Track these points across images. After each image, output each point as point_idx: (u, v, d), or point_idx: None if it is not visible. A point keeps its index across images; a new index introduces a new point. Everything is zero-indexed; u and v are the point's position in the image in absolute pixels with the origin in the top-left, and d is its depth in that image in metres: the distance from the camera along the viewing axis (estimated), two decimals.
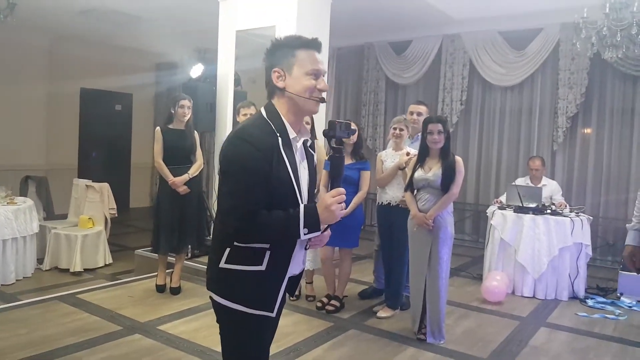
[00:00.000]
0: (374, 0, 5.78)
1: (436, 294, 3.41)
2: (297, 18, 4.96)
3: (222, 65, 5.50)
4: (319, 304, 4.03)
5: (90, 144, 8.50)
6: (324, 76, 1.61)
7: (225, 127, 5.35)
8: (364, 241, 4.45)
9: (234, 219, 1.47)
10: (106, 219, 5.46)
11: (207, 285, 1.64)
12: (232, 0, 5.39)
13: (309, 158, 1.66)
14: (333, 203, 1.48)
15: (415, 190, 3.52)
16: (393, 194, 3.89)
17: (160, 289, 4.22)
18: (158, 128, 4.21)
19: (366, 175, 3.94)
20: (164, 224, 4.15)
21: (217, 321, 1.64)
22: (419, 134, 4.06)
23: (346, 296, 4.15)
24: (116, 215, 5.57)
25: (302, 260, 1.70)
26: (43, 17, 6.60)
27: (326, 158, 4.02)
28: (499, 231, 4.68)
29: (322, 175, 4.00)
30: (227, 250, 1.54)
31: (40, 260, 5.13)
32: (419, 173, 3.47)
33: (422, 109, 4.27)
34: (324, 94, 1.60)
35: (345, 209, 1.55)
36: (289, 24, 4.99)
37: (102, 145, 8.64)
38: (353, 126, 1.35)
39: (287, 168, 1.50)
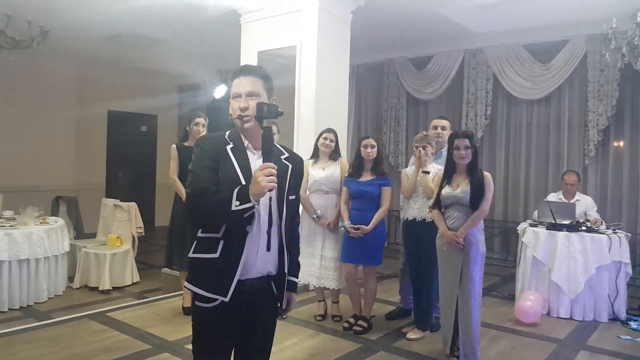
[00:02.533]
0: (393, 17, 5.81)
1: (469, 315, 3.31)
2: (317, 37, 5.03)
3: None
4: (346, 325, 3.97)
5: (117, 164, 8.73)
6: (249, 97, 1.80)
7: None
8: (387, 259, 4.39)
9: (188, 204, 1.76)
10: (133, 237, 5.54)
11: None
12: (254, 22, 5.50)
13: (283, 166, 1.85)
14: (260, 175, 1.62)
15: (443, 208, 3.47)
16: (418, 209, 3.83)
17: (187, 311, 4.20)
18: (174, 145, 4.28)
19: (387, 191, 3.90)
20: (177, 240, 4.18)
21: (191, 313, 1.84)
22: (443, 150, 4.03)
23: (373, 316, 4.08)
24: (143, 233, 5.64)
25: (271, 263, 1.83)
26: (72, 43, 6.83)
27: (346, 175, 4.01)
28: (531, 249, 4.55)
29: (344, 192, 3.99)
30: (195, 242, 1.81)
31: (70, 279, 5.21)
32: (446, 190, 3.41)
33: (446, 123, 4.22)
34: (244, 112, 1.80)
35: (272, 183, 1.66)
36: (309, 43, 5.06)
37: (129, 165, 8.85)
38: (280, 109, 1.61)
39: (233, 165, 1.76)
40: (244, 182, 1.72)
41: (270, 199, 1.78)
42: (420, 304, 3.88)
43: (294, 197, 1.91)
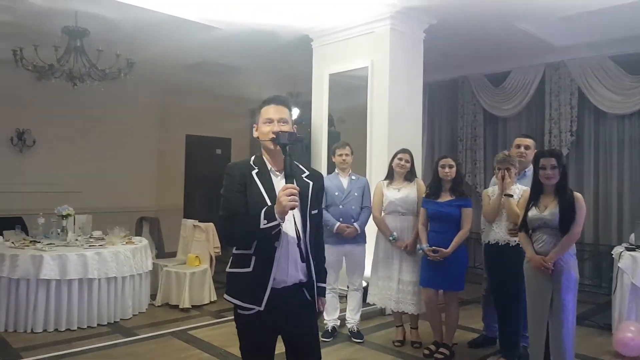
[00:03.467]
0: (468, 34, 5.68)
1: (561, 346, 3.07)
2: (389, 58, 5.03)
3: (316, 107, 5.67)
4: (427, 352, 3.82)
5: (194, 186, 9.12)
6: (280, 123, 2.04)
7: (320, 167, 5.44)
8: (467, 284, 4.18)
9: (221, 225, 1.99)
10: (211, 257, 5.70)
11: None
12: (325, 45, 5.59)
13: (304, 185, 2.04)
14: (282, 195, 1.84)
15: (530, 231, 3.27)
16: (501, 231, 3.64)
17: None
18: None
19: (468, 213, 3.75)
20: None
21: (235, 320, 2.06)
22: (527, 170, 3.83)
23: (455, 344, 3.91)
24: (220, 253, 5.79)
25: (299, 271, 2.02)
26: (155, 72, 7.27)
27: (424, 196, 3.91)
28: (628, 275, 4.16)
29: (421, 214, 3.88)
30: (231, 259, 2.04)
31: (152, 296, 5.43)
32: (533, 212, 3.21)
33: (530, 142, 4.01)
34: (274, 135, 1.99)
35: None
36: (381, 64, 5.05)
37: (205, 187, 9.17)
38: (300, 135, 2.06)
39: (259, 188, 1.97)
40: (269, 203, 1.93)
41: (293, 215, 1.97)
42: (506, 333, 3.67)
43: (316, 211, 2.10)
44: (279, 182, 2.01)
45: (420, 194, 3.97)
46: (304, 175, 2.10)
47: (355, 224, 4.06)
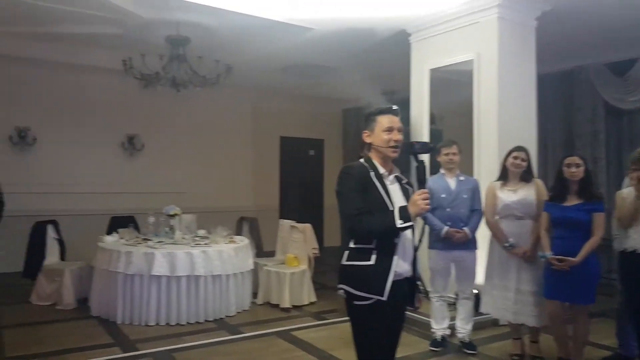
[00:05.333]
0: (586, 20, 5.15)
1: None
2: (498, 49, 4.68)
3: (416, 104, 5.45)
4: None
5: (288, 186, 9.27)
6: (398, 131, 2.23)
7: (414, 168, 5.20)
8: (597, 295, 3.76)
9: (346, 221, 2.13)
10: (309, 258, 5.69)
11: (338, 282, 2.22)
12: (425, 39, 5.35)
13: (404, 190, 2.26)
14: (418, 199, 2.06)
15: None
16: None
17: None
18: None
19: (600, 218, 3.33)
20: None
21: (347, 314, 2.21)
22: None
23: None
24: (318, 254, 5.77)
25: (409, 264, 2.23)
26: (250, 76, 7.43)
27: (546, 199, 3.57)
28: None
29: (543, 218, 3.53)
30: (346, 252, 2.19)
31: (253, 295, 5.52)
32: None
33: None
34: (398, 144, 2.22)
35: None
36: (488, 56, 4.72)
37: (299, 188, 9.33)
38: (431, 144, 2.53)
39: (378, 189, 2.14)
40: (389, 205, 2.12)
41: None
42: None
43: None
44: (389, 185, 2.21)
45: (540, 196, 3.63)
46: (403, 182, 2.28)
47: (465, 228, 3.80)
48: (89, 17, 5.25)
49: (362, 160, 2.25)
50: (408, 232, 2.18)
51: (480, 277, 3.93)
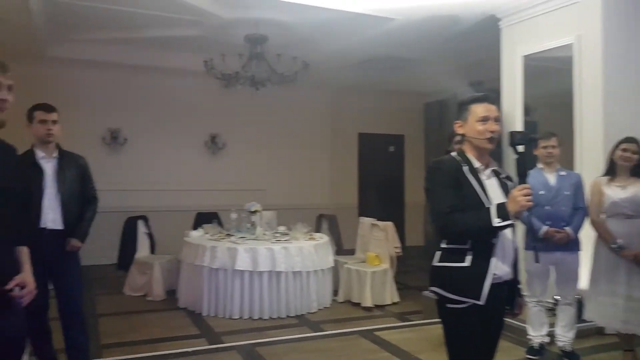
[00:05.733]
0: None
1: None
2: (602, 30, 4.23)
3: (508, 94, 5.09)
4: None
5: (367, 184, 9.11)
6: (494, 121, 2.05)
7: (512, 161, 4.86)
8: None
9: (436, 220, 1.99)
10: (391, 257, 5.52)
11: (429, 284, 2.11)
12: (517, 24, 4.97)
13: (503, 185, 2.09)
14: (518, 195, 1.88)
15: None
16: None
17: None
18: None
19: None
20: None
21: (439, 316, 2.07)
22: None
23: None
24: (401, 253, 5.59)
25: (509, 266, 2.05)
26: (327, 73, 7.35)
27: None
28: None
29: None
30: (438, 253, 2.06)
31: (334, 292, 5.45)
32: None
33: None
34: (495, 135, 2.05)
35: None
36: (591, 39, 4.28)
37: (378, 185, 9.15)
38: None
39: (472, 185, 1.99)
40: (485, 202, 1.96)
41: None
42: None
43: None
44: (485, 180, 2.05)
45: None
46: (502, 176, 2.12)
47: (567, 228, 3.46)
48: (171, 20, 5.47)
49: (454, 153, 2.12)
50: (508, 232, 2.01)
51: (583, 281, 3.57)
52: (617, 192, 3.33)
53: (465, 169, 2.02)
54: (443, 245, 2.04)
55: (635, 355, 3.40)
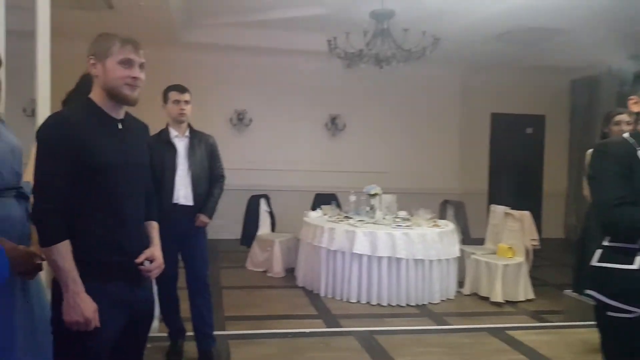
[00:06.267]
0: None
1: None
2: None
3: None
4: None
5: (500, 169, 8.34)
6: None
7: None
8: None
9: (601, 213, 1.68)
10: (527, 249, 4.92)
11: (582, 285, 1.74)
12: None
13: None
14: None
15: None
16: None
17: None
18: (590, 151, 3.36)
19: None
20: (589, 262, 3.24)
21: (597, 324, 1.75)
22: None
23: None
24: (539, 246, 4.95)
25: None
26: (458, 48, 6.74)
27: None
28: None
29: None
30: (599, 251, 1.72)
31: (459, 284, 5.03)
32: None
33: None
34: None
35: None
36: None
37: (512, 171, 8.33)
38: None
39: None
40: None
41: None
42: None
43: None
44: None
45: None
46: None
47: None
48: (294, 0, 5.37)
49: (626, 135, 1.76)
50: None
51: None
52: None
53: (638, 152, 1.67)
54: (605, 243, 1.72)
55: None
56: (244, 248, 5.94)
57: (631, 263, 1.63)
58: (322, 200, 6.09)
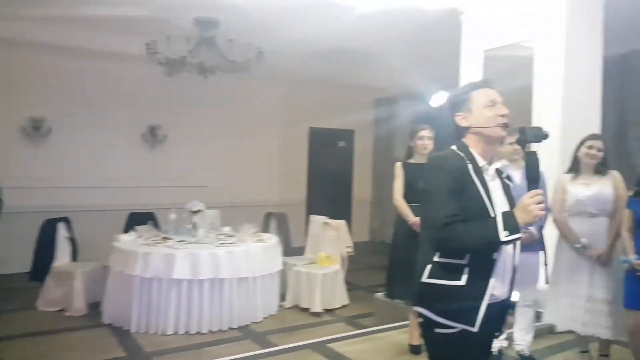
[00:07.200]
0: None
1: None
2: (566, 28, 4.09)
3: None
4: None
5: (317, 180, 8.80)
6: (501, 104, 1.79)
7: None
8: None
9: (433, 230, 1.68)
10: (342, 257, 5.24)
11: (413, 302, 1.84)
12: (479, 18, 4.77)
13: (505, 186, 1.84)
14: (530, 203, 1.61)
15: None
16: None
17: (415, 349, 3.62)
18: (398, 163, 3.76)
19: None
20: (398, 268, 3.63)
21: (422, 336, 1.83)
22: None
23: None
24: (353, 253, 5.32)
25: (508, 285, 1.79)
26: (280, 64, 6.89)
27: (630, 194, 3.05)
28: None
29: (626, 217, 3.02)
30: (428, 266, 1.74)
31: (281, 297, 5.08)
32: None
33: None
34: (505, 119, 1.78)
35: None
36: (552, 36, 4.15)
37: (327, 181, 8.86)
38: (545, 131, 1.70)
39: (477, 188, 1.70)
40: (490, 209, 1.70)
41: None
42: None
43: None
44: (489, 182, 1.77)
45: (619, 191, 3.13)
46: (504, 175, 1.87)
47: (531, 227, 3.28)
48: None
49: (454, 147, 1.82)
50: (509, 245, 1.73)
51: (542, 282, 3.43)
52: (581, 190, 3.20)
53: (470, 167, 1.74)
54: (436, 259, 1.74)
55: (591, 356, 3.31)
56: (35, 284, 4.97)
57: (459, 279, 1.68)
58: (137, 220, 5.50)
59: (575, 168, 3.28)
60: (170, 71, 5.56)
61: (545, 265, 3.28)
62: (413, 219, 3.53)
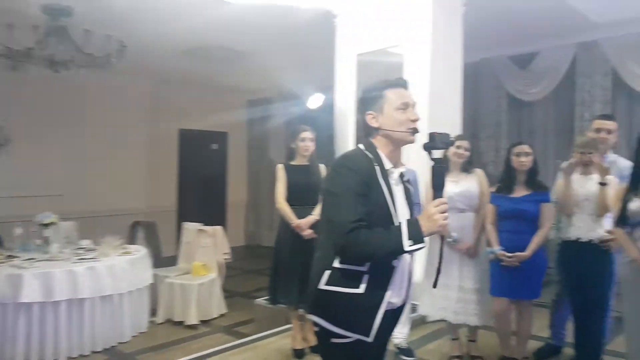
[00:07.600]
0: (492, 12, 5.04)
1: None
2: (430, 33, 4.37)
3: (341, 93, 4.99)
4: None
5: (188, 184, 8.37)
6: (413, 108, 1.74)
7: None
8: None
9: (336, 235, 1.59)
10: (219, 264, 4.99)
11: (307, 308, 1.76)
12: (351, 22, 4.89)
13: (406, 191, 1.79)
14: (435, 212, 1.57)
15: (629, 227, 2.72)
16: (585, 226, 3.07)
17: (299, 353, 3.57)
18: (280, 165, 3.68)
19: (548, 209, 3.20)
20: (283, 272, 3.56)
21: (320, 350, 1.78)
22: (606, 155, 3.34)
23: (527, 358, 3.36)
24: (230, 260, 5.10)
25: (405, 291, 1.77)
26: (147, 60, 6.45)
27: (494, 190, 3.33)
28: None
29: (489, 212, 3.30)
30: (327, 272, 1.65)
31: (152, 312, 4.69)
32: (636, 204, 2.67)
33: (612, 125, 3.44)
34: (416, 124, 1.73)
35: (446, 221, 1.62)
36: (420, 41, 4.40)
37: (200, 185, 8.50)
38: (452, 137, 1.73)
39: (383, 193, 1.64)
40: (394, 216, 1.65)
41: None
42: (585, 342, 3.15)
43: None
44: (394, 186, 1.72)
45: (483, 187, 3.40)
46: (404, 179, 1.81)
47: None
48: None
49: (361, 146, 1.74)
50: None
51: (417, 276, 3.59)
52: (451, 187, 3.39)
53: (377, 170, 1.68)
54: (335, 265, 1.64)
55: (461, 342, 3.53)
56: None
57: (357, 287, 1.62)
58: None
59: None
60: (13, 64, 4.81)
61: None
62: (297, 222, 3.47)
